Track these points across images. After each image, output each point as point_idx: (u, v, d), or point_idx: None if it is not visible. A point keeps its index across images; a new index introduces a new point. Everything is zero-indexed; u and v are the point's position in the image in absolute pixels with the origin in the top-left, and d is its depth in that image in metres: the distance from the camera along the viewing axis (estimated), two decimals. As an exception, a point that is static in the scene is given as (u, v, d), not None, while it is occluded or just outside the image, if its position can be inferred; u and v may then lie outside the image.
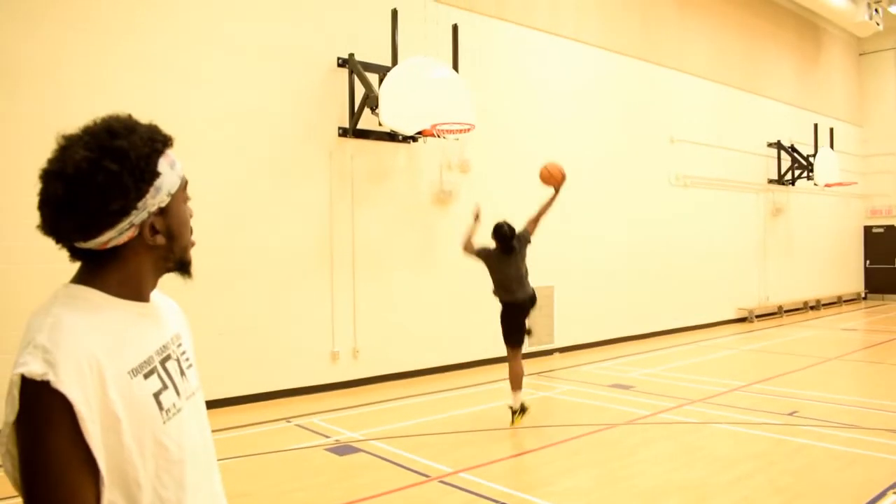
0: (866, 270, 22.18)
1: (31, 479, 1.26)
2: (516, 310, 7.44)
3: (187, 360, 1.62)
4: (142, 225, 1.41)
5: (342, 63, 9.31)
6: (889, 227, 21.80)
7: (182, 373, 1.56)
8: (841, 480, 5.66)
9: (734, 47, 16.67)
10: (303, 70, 9.01)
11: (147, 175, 1.39)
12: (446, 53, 9.78)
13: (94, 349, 1.32)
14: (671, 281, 14.32)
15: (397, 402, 8.51)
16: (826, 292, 19.66)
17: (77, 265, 1.44)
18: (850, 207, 21.53)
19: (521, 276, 7.43)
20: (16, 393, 1.25)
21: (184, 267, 1.55)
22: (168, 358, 1.51)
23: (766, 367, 10.66)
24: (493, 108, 10.94)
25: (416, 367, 10.01)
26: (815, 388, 9.28)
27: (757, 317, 16.38)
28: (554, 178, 7.70)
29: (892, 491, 5.32)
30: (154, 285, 1.53)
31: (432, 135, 9.08)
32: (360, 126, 9.34)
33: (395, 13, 9.41)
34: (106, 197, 1.33)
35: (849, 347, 12.83)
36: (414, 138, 9.64)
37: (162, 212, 1.44)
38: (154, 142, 1.41)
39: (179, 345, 1.59)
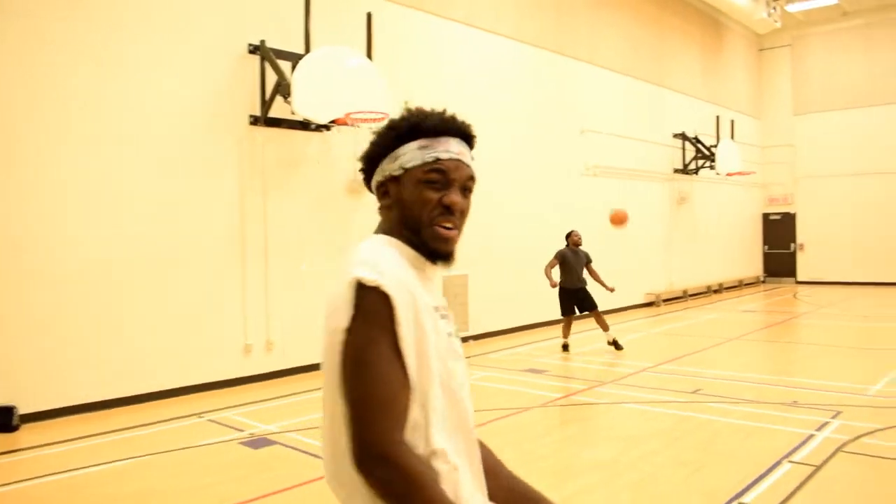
0: (765, 255, 23.33)
1: (359, 375, 1.41)
2: (573, 292, 10.91)
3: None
4: (381, 184, 1.70)
5: (253, 50, 9.13)
6: (785, 215, 22.97)
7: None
8: (741, 452, 5.96)
9: (643, 42, 17.19)
10: (212, 57, 8.78)
11: (391, 146, 1.69)
12: (360, 42, 9.72)
13: (407, 279, 1.54)
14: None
15: (313, 393, 8.45)
16: (728, 276, 20.58)
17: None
18: (750, 196, 22.57)
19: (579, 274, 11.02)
20: (350, 295, 1.46)
21: (433, 254, 1.69)
22: (444, 316, 1.68)
23: (673, 349, 11.10)
24: (408, 97, 10.94)
25: (332, 357, 9.94)
26: (717, 366, 9.73)
27: (664, 301, 17.01)
28: (620, 221, 11.29)
29: (786, 460, 5.64)
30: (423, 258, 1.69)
31: (346, 124, 9.01)
32: (271, 114, 9.18)
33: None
34: (370, 155, 1.72)
35: (748, 328, 13.48)
36: (327, 127, 9.54)
37: (395, 179, 1.67)
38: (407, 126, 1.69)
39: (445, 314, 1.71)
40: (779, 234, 23.07)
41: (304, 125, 9.45)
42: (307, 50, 9.15)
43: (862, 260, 21.38)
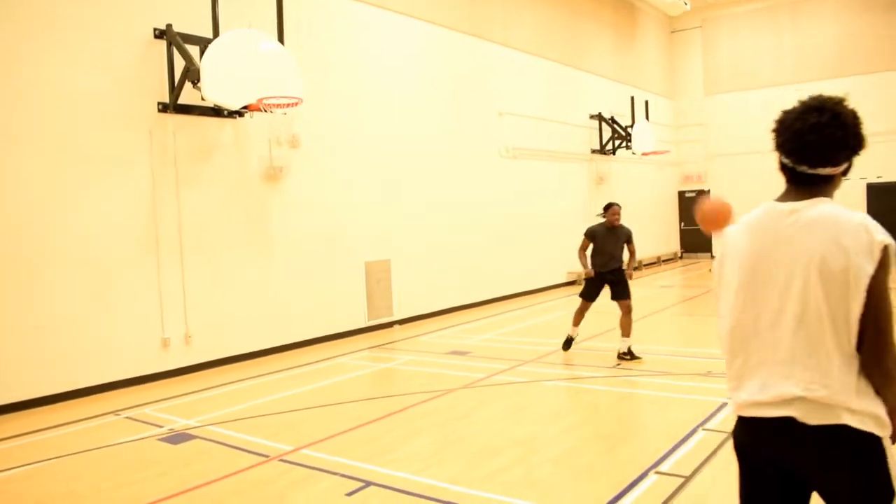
0: (681, 232, 24.06)
1: (886, 309, 2.09)
2: (603, 274, 9.09)
3: None
4: (847, 166, 2.34)
5: (159, 34, 8.80)
6: (700, 192, 23.70)
7: None
8: (657, 423, 6.14)
9: (558, 24, 17.39)
10: (115, 43, 8.42)
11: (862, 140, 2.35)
12: (271, 26, 9.49)
13: None
14: (504, 249, 14.85)
15: (234, 385, 8.29)
16: (646, 253, 21.11)
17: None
18: (666, 174, 23.19)
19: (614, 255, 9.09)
20: (878, 253, 2.08)
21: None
22: None
23: (593, 325, 11.30)
24: (323, 82, 10.78)
25: (252, 348, 9.77)
26: (635, 341, 9.96)
27: (586, 279, 17.31)
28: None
29: (701, 428, 5.83)
30: None
31: (259, 109, 8.81)
32: (181, 101, 8.89)
33: (213, -18, 9.02)
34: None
35: (666, 303, 13.88)
36: (240, 113, 9.32)
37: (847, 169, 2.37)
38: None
39: None
40: (694, 211, 23.76)
41: (217, 112, 9.20)
42: (216, 34, 8.89)
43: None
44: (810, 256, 2.15)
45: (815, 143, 2.24)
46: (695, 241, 23.80)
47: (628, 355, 8.56)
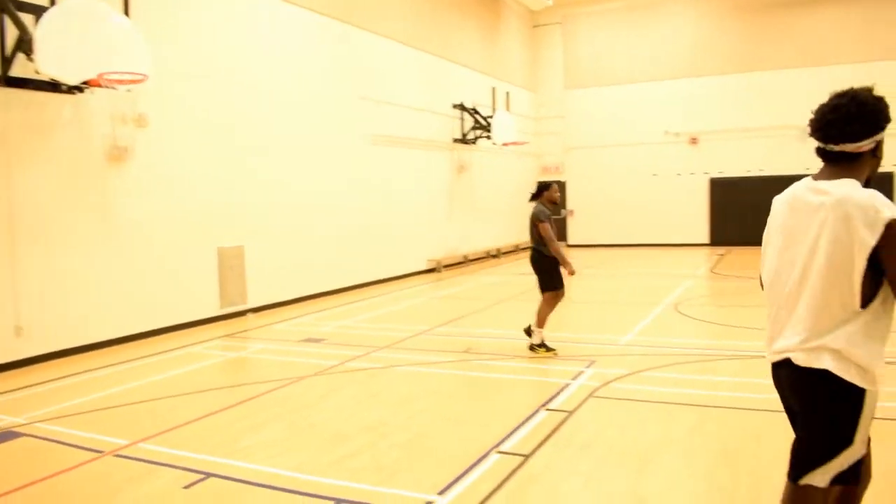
0: (539, 221, 24.86)
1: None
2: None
3: None
4: (873, 146, 2.63)
5: (-13, 1, 8.10)
6: (557, 182, 24.53)
7: None
8: (504, 404, 6.33)
9: (426, 14, 17.47)
10: (-69, 5, 7.68)
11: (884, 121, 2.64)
12: (115, -3, 8.94)
13: None
14: (366, 236, 14.80)
15: (71, 378, 7.81)
16: (506, 241, 21.69)
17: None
18: (525, 164, 23.88)
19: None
20: (881, 227, 2.39)
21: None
22: None
23: (450, 312, 11.53)
24: (174, 59, 10.28)
25: (95, 339, 9.23)
26: (489, 326, 10.26)
27: (445, 266, 17.60)
28: None
29: (544, 408, 6.06)
30: None
31: (100, 85, 8.30)
32: (13, 73, 8.23)
33: (49, -54, 8.39)
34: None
35: (522, 289, 14.29)
36: (80, 89, 8.74)
37: (875, 147, 2.66)
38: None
39: None
40: (552, 201, 24.66)
41: (55, 86, 8.57)
42: (52, 2, 8.29)
43: (624, 224, 23.46)
44: (826, 229, 2.55)
45: (834, 120, 2.61)
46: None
47: (542, 346, 8.19)
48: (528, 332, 8.37)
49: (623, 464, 4.85)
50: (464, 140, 18.94)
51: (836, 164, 2.67)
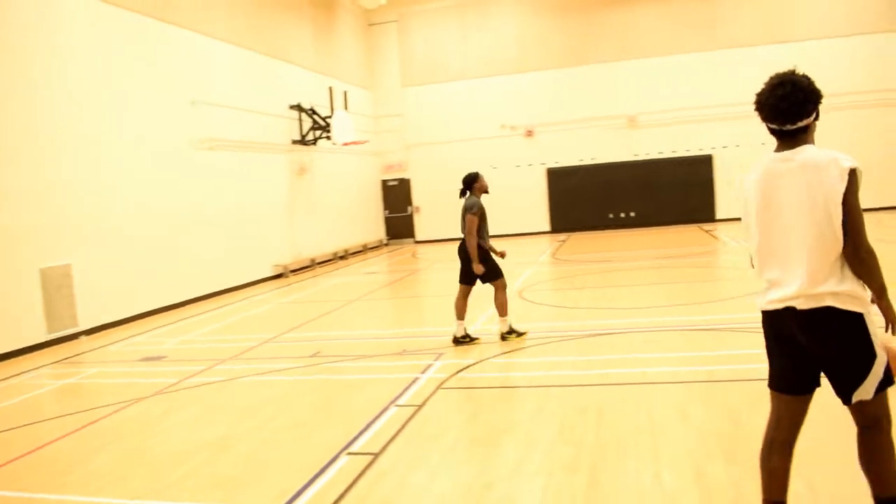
0: (386, 219, 24.92)
1: (857, 216, 2.92)
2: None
3: None
4: (815, 118, 3.09)
5: None
6: (401, 180, 24.73)
7: None
8: (352, 406, 6.26)
9: (254, 14, 16.95)
10: None
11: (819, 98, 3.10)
12: None
13: None
14: (206, 245, 14.19)
15: None
16: (352, 242, 21.57)
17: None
18: (367, 164, 23.83)
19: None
20: (845, 175, 2.89)
21: None
22: None
23: (297, 317, 11.30)
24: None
25: None
26: (338, 328, 10.14)
27: (292, 271, 17.23)
28: None
29: (393, 404, 6.04)
30: None
31: None
32: None
33: None
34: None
35: (371, 288, 14.29)
36: None
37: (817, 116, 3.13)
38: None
39: None
40: (396, 199, 24.80)
41: None
42: None
43: (467, 217, 23.93)
44: (802, 189, 3.00)
45: (787, 109, 3.05)
46: (399, 227, 24.81)
47: (512, 333, 8.24)
48: (514, 332, 8.28)
49: (471, 451, 4.92)
50: (303, 141, 18.61)
51: (792, 137, 3.12)
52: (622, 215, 23.38)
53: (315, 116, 18.76)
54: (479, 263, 8.10)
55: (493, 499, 4.14)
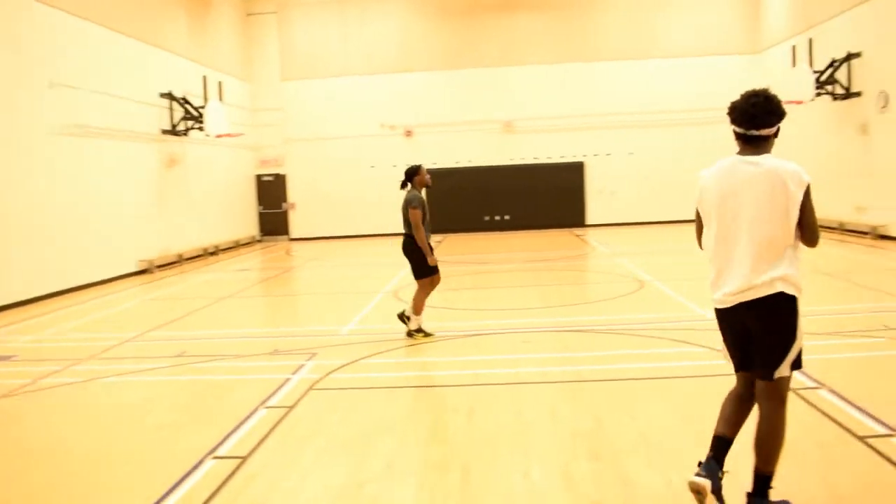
0: (260, 215, 24.27)
1: (813, 218, 3.47)
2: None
3: None
4: (776, 131, 3.62)
5: None
6: (277, 176, 24.17)
7: None
8: (219, 408, 6.03)
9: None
10: None
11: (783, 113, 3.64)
12: None
13: None
14: (63, 237, 13.29)
15: None
16: (224, 238, 20.87)
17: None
18: (242, 157, 23.14)
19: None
20: (804, 185, 3.42)
21: None
22: None
23: (162, 314, 10.80)
24: None
25: None
26: (206, 326, 9.79)
27: (158, 267, 16.45)
28: None
29: (262, 406, 5.88)
30: None
31: None
32: None
33: None
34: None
35: (242, 286, 13.88)
36: None
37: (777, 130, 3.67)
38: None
39: None
40: (271, 195, 24.21)
41: None
42: None
43: (345, 215, 23.72)
44: (767, 191, 3.47)
45: (755, 115, 3.54)
46: (273, 224, 24.25)
47: (420, 332, 8.15)
48: (403, 318, 8.20)
49: (344, 452, 4.86)
50: (174, 131, 17.81)
51: (755, 143, 3.60)
52: (498, 218, 23.86)
53: (187, 106, 18.01)
54: (419, 258, 8.05)
55: (366, 499, 4.11)
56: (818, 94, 17.53)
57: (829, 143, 18.25)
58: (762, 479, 3.53)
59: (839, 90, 17.26)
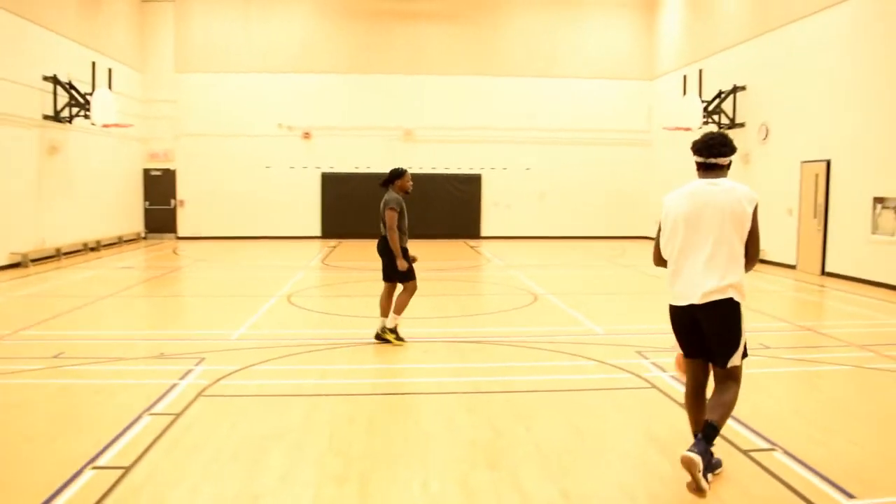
0: (146, 211, 23.23)
1: (758, 235, 4.24)
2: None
3: None
4: (730, 162, 4.47)
5: None
6: (166, 171, 23.21)
7: None
8: (100, 414, 5.68)
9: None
10: None
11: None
12: None
13: None
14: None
15: None
16: (107, 233, 19.86)
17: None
18: (130, 150, 22.09)
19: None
20: (754, 205, 4.20)
21: None
22: None
23: (37, 312, 10.10)
24: None
25: None
26: (85, 326, 9.24)
27: (33, 261, 15.44)
28: None
29: (147, 413, 5.58)
30: None
31: None
32: None
33: None
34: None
35: (125, 285, 13.20)
36: None
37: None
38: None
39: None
40: (160, 190, 23.21)
41: None
42: None
43: (237, 216, 23.06)
44: (725, 209, 4.19)
45: (713, 147, 4.38)
46: (160, 221, 23.27)
47: (394, 333, 8.12)
48: (395, 333, 8.12)
49: (236, 463, 4.67)
50: (57, 118, 16.79)
51: (714, 170, 4.39)
52: (393, 225, 23.76)
53: (73, 92, 17.03)
54: (390, 260, 8.00)
55: (259, 514, 3.95)
56: (705, 123, 18.48)
57: (711, 169, 19.20)
58: (713, 429, 4.07)
59: (725, 120, 18.26)
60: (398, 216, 7.87)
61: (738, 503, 4.11)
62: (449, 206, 23.75)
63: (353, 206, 23.25)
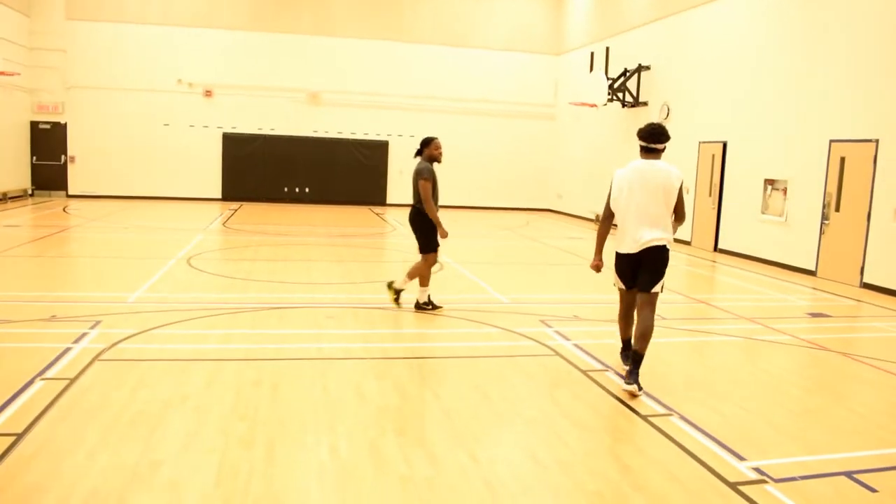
0: (33, 167, 21.91)
1: (683, 201, 5.88)
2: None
3: None
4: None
5: None
6: (56, 124, 21.93)
7: None
8: (-14, 377, 5.38)
9: None
10: None
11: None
12: None
13: None
14: None
15: None
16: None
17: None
18: (16, 101, 20.73)
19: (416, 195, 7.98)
20: (680, 180, 5.73)
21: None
22: None
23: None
24: None
25: None
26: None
27: None
28: None
29: (39, 377, 5.33)
30: None
31: None
32: None
33: None
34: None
35: (11, 244, 12.46)
36: None
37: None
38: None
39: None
40: (49, 145, 21.90)
41: None
42: None
43: (133, 174, 22.09)
44: (660, 182, 5.58)
45: (654, 134, 5.66)
46: (49, 177, 22.02)
47: (430, 305, 8.28)
48: (396, 294, 8.18)
49: (135, 428, 4.52)
50: (-69, 62, 15.59)
51: (654, 153, 5.70)
52: (297, 190, 23.40)
53: (-50, 35, 15.81)
54: (426, 231, 7.97)
55: (163, 478, 3.85)
56: (610, 100, 18.95)
57: (617, 146, 19.79)
58: (639, 357, 5.56)
59: (629, 98, 18.77)
60: (431, 186, 7.77)
61: (638, 465, 4.31)
62: (354, 173, 23.52)
63: (255, 167, 22.70)
